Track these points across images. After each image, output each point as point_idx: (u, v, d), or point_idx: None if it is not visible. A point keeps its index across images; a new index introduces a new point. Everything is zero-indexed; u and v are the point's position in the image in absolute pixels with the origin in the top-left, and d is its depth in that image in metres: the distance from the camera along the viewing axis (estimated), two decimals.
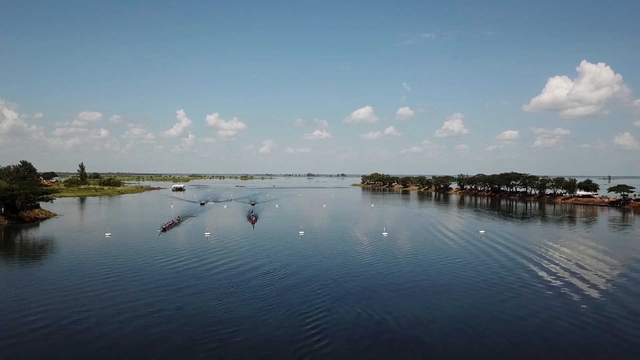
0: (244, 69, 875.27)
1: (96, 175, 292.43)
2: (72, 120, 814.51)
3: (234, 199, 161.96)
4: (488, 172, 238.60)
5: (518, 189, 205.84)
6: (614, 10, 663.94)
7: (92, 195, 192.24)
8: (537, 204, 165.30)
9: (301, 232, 74.33)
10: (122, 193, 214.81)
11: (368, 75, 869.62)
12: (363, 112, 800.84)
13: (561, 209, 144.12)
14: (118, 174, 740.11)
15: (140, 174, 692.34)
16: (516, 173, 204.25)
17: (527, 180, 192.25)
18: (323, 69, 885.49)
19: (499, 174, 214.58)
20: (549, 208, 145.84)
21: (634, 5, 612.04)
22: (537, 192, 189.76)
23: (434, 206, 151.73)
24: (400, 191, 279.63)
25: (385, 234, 73.78)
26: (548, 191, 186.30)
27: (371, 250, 59.59)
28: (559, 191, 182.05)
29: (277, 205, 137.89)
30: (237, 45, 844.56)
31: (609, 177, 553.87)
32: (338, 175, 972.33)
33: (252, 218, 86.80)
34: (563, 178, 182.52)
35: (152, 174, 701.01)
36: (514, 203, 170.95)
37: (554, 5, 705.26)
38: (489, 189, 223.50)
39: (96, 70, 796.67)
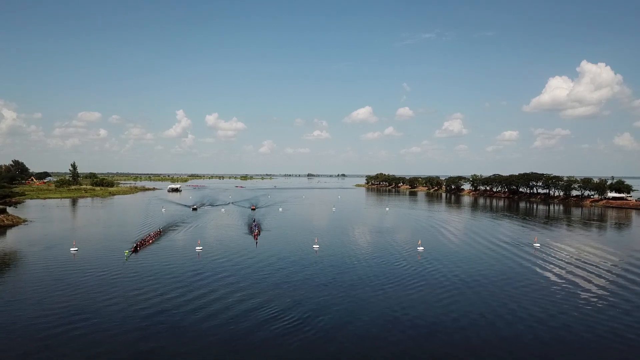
0: (244, 69, 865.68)
1: (93, 175, 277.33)
2: (71, 120, 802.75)
3: (233, 203, 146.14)
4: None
5: (539, 190, 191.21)
6: (614, 10, 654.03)
7: (81, 197, 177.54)
8: (561, 207, 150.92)
9: (316, 247, 59.83)
10: (114, 194, 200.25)
11: (368, 76, 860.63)
12: (363, 112, 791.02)
13: (590, 212, 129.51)
14: (117, 174, 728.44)
15: (140, 174, 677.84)
16: (536, 173, 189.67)
17: (551, 180, 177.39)
18: (323, 69, 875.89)
19: (517, 174, 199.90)
20: (579, 211, 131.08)
21: (634, 5, 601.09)
22: (562, 193, 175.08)
23: (455, 210, 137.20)
24: (408, 192, 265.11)
25: (421, 248, 59.27)
26: (574, 193, 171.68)
27: (417, 276, 44.82)
28: (586, 193, 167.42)
29: (280, 209, 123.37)
30: (236, 45, 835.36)
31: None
32: (338, 175, 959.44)
33: (255, 230, 71.16)
34: (591, 179, 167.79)
35: (151, 174, 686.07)
36: (536, 205, 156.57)
37: (554, 5, 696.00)
38: (506, 190, 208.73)
39: (95, 70, 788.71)
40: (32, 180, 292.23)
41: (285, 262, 50.97)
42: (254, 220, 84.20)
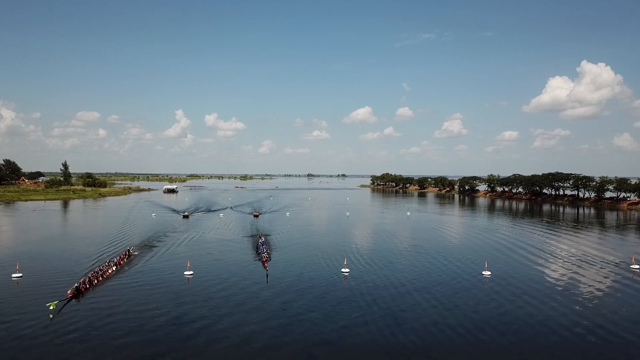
0: (243, 69, 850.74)
1: (88, 175, 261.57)
2: (70, 120, 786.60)
3: (232, 207, 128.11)
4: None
5: (565, 192, 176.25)
6: (614, 10, 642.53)
7: (69, 198, 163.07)
8: (592, 210, 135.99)
9: (345, 271, 44.91)
10: (105, 195, 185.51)
11: (367, 76, 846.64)
12: (362, 113, 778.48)
13: (630, 216, 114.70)
14: (116, 174, 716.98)
15: (139, 174, 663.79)
16: (562, 173, 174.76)
17: (580, 181, 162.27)
18: (322, 69, 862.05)
19: (541, 174, 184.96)
20: (622, 216, 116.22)
21: (634, 5, 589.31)
22: (593, 195, 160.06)
23: (485, 214, 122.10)
24: (417, 193, 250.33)
25: (487, 273, 44.35)
26: (608, 194, 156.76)
27: (495, 321, 29.91)
28: (621, 194, 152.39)
29: (288, 214, 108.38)
30: (236, 45, 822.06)
31: (616, 178, 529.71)
32: (339, 175, 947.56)
33: (263, 253, 51.64)
34: (627, 179, 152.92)
35: (150, 174, 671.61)
36: (562, 208, 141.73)
37: (554, 6, 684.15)
38: (527, 191, 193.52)
39: (94, 70, 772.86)
40: (23, 180, 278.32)
41: (305, 296, 36.14)
42: (260, 236, 66.36)
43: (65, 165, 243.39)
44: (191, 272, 43.21)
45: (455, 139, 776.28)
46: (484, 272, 44.50)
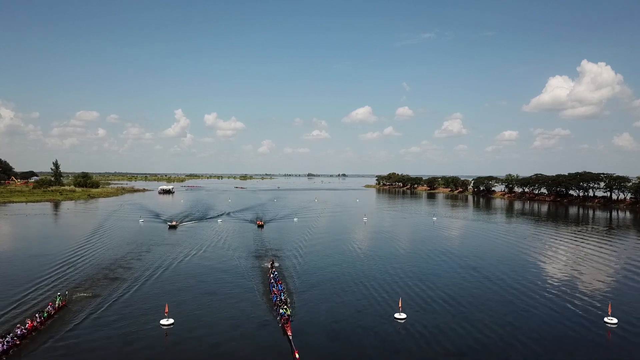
0: (243, 69, 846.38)
1: (84, 175, 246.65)
2: (70, 119, 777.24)
3: (231, 212, 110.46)
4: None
5: (595, 193, 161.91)
6: (614, 10, 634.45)
7: (55, 200, 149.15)
8: (627, 213, 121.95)
9: (400, 317, 30.55)
10: (95, 196, 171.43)
11: (367, 75, 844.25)
12: (362, 112, 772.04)
13: None
14: (115, 173, 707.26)
15: (138, 174, 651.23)
16: (591, 172, 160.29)
17: (614, 181, 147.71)
18: (322, 69, 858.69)
19: (566, 174, 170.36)
20: None
21: (634, 5, 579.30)
22: (630, 197, 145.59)
23: (526, 218, 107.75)
24: (426, 194, 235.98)
25: (613, 320, 30.01)
26: None
27: None
28: None
29: (295, 220, 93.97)
30: (235, 45, 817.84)
31: None
32: (339, 175, 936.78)
33: (284, 316, 29.62)
34: None
35: (149, 174, 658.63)
36: (592, 211, 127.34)
37: (554, 5, 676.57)
38: (550, 192, 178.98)
39: (93, 70, 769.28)
40: (13, 180, 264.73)
41: None
42: (271, 265, 46.10)
43: (56, 165, 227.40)
44: (171, 321, 28.89)
45: (455, 139, 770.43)
46: (607, 319, 30.12)
